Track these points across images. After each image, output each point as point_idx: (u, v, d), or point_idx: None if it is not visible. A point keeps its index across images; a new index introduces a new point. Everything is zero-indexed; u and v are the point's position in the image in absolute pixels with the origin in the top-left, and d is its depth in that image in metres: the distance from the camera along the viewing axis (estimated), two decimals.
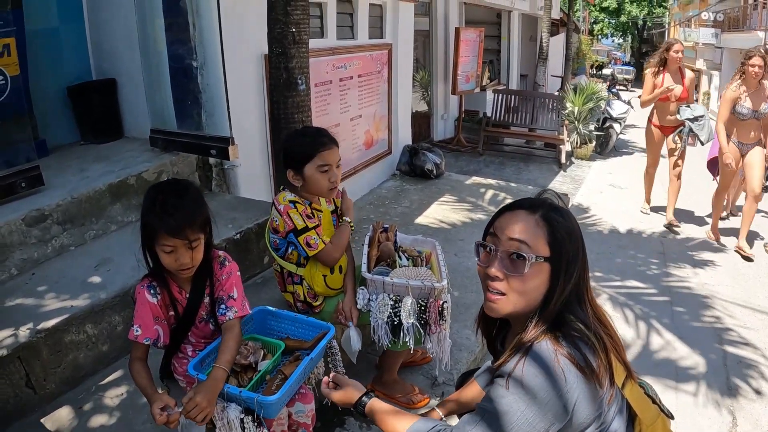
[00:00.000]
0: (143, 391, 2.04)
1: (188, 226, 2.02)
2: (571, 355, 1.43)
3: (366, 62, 6.64)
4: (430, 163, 7.37)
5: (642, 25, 50.06)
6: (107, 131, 4.73)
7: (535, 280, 1.54)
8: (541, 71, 13.06)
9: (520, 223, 1.57)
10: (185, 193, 2.10)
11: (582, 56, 25.11)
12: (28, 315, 2.75)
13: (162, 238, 2.02)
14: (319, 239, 2.71)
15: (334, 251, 2.78)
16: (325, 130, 2.85)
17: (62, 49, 4.61)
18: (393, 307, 2.66)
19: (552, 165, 10.58)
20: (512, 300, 1.57)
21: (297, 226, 2.68)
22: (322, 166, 2.71)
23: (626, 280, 5.32)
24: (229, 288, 2.25)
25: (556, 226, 1.55)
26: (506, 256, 1.56)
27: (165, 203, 2.02)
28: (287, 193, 2.76)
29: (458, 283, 4.25)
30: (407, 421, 1.65)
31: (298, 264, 2.82)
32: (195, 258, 2.10)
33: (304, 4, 3.72)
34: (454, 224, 5.73)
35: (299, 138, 2.83)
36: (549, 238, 1.54)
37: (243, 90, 4.48)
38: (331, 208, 2.98)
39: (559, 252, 1.53)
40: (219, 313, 2.21)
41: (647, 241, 6.45)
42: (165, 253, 2.05)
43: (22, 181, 3.44)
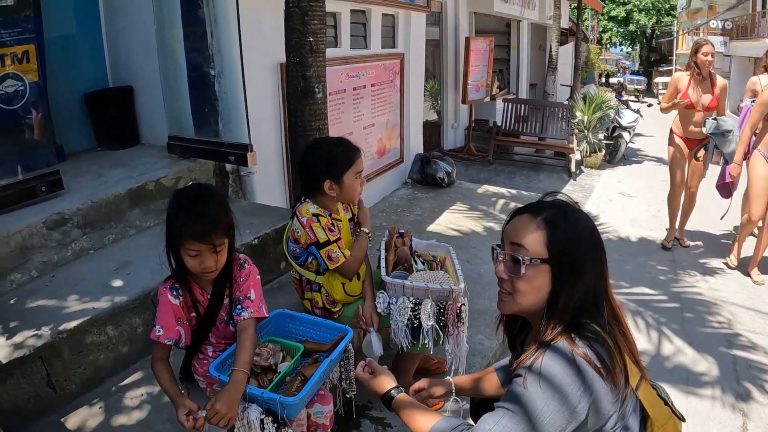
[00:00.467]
0: (167, 392, 2.09)
1: (213, 232, 2.07)
2: (587, 356, 1.47)
3: (379, 71, 6.69)
4: (441, 171, 7.42)
5: (650, 34, 50.02)
6: (123, 138, 4.80)
7: (534, 281, 1.59)
8: (550, 80, 13.07)
9: (520, 226, 1.64)
10: (210, 198, 2.15)
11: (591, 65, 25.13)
12: (50, 316, 2.79)
13: (188, 242, 2.06)
14: (340, 253, 2.75)
15: (353, 264, 2.83)
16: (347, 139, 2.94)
17: (80, 56, 4.68)
18: (413, 309, 2.71)
19: (562, 174, 10.59)
20: (516, 300, 1.63)
21: (319, 239, 2.73)
22: (359, 172, 2.83)
23: (637, 287, 5.34)
24: (247, 289, 2.29)
25: (556, 229, 1.59)
26: (508, 258, 1.64)
27: (190, 209, 2.07)
28: (310, 205, 2.80)
29: (471, 289, 4.28)
30: (431, 418, 1.68)
31: (317, 272, 2.87)
32: (219, 261, 2.15)
33: (321, 14, 3.78)
34: (465, 232, 5.77)
35: (337, 148, 2.86)
36: (547, 240, 1.58)
37: (259, 98, 4.53)
38: (348, 215, 3.03)
39: (559, 254, 1.57)
40: (235, 312, 2.25)
41: (657, 249, 6.45)
42: (190, 257, 2.09)
43: (43, 185, 3.50)
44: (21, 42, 3.44)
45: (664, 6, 44.18)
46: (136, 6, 4.50)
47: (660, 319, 4.67)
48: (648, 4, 44.25)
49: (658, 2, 44.05)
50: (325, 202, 2.83)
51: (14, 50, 3.42)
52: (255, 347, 2.22)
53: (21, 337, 2.61)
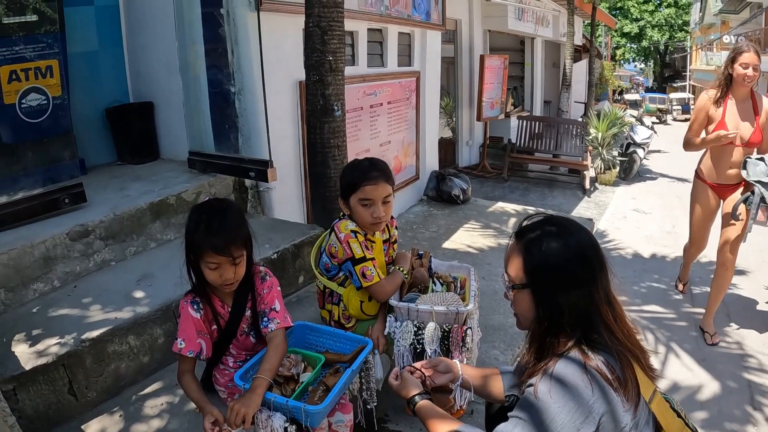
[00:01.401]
0: (197, 402, 2.15)
1: (232, 244, 2.12)
2: (599, 367, 1.52)
3: (395, 89, 6.74)
4: (456, 188, 7.43)
5: (664, 50, 49.95)
6: (144, 152, 4.89)
7: (521, 304, 1.71)
8: (564, 97, 13.10)
9: (508, 254, 1.77)
10: (227, 211, 2.20)
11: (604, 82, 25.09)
12: (72, 325, 2.84)
13: (207, 255, 2.11)
14: (375, 272, 2.75)
15: (387, 286, 2.80)
16: (379, 165, 2.86)
17: (102, 71, 4.80)
18: (416, 333, 2.70)
19: (576, 191, 10.59)
20: (519, 320, 1.77)
21: (355, 255, 2.73)
22: (363, 200, 2.75)
23: (649, 305, 5.30)
24: (271, 301, 2.34)
25: (531, 254, 1.67)
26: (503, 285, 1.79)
27: (209, 222, 2.12)
28: (349, 222, 2.80)
29: (486, 305, 4.29)
30: (451, 425, 1.73)
31: (340, 284, 2.88)
32: (238, 273, 2.20)
33: (340, 34, 3.85)
34: (481, 249, 5.78)
35: (350, 169, 2.89)
36: (525, 266, 1.68)
37: (278, 115, 4.59)
38: (384, 237, 3.02)
39: (538, 278, 1.66)
40: (262, 325, 2.30)
41: (671, 266, 6.42)
42: (210, 269, 2.14)
43: (66, 197, 3.58)
44: (44, 57, 3.55)
45: (677, 22, 44.10)
46: (158, 23, 4.60)
47: (672, 337, 4.65)
48: (661, 20, 44.21)
49: (671, 18, 43.99)
50: (357, 220, 2.83)
51: (38, 65, 3.52)
52: (282, 357, 2.27)
53: (44, 345, 2.66)
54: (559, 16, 14.99)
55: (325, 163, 3.97)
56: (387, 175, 2.83)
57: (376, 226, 2.84)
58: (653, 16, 44.23)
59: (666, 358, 4.36)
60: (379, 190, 2.76)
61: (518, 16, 12.27)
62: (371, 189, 2.75)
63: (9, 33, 3.36)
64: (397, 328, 2.74)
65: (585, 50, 19.29)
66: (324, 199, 4.05)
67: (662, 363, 4.29)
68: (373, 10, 5.82)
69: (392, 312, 2.80)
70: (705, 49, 34.54)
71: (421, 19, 6.96)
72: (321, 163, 3.98)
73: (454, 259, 5.00)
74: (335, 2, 3.76)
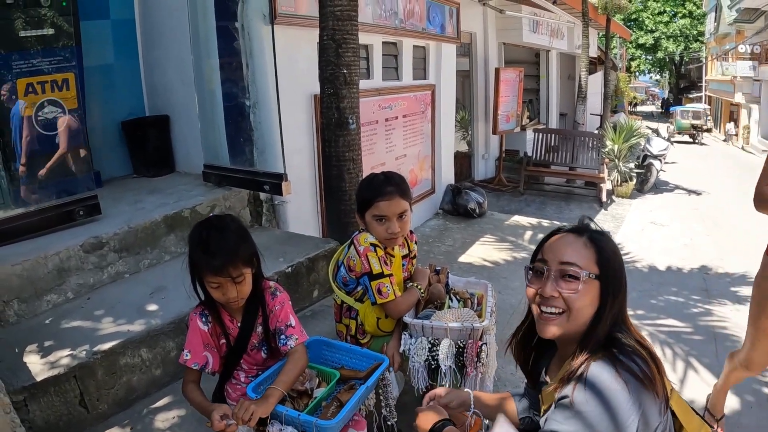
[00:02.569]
0: (199, 406, 2.13)
1: (230, 264, 2.10)
2: (631, 369, 1.49)
3: (410, 102, 6.74)
4: (472, 202, 7.41)
5: (679, 61, 49.76)
6: (159, 165, 4.89)
7: (587, 297, 1.62)
8: (580, 109, 13.06)
9: (569, 245, 1.69)
10: (225, 230, 2.17)
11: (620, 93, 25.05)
12: (85, 337, 2.83)
13: (207, 275, 2.11)
14: (391, 289, 2.70)
15: (401, 305, 2.76)
16: (395, 179, 2.81)
17: (117, 85, 4.81)
18: (430, 350, 2.65)
19: (593, 203, 10.53)
20: (570, 319, 1.64)
21: (373, 270, 2.69)
22: (377, 216, 2.72)
23: (667, 318, 5.22)
24: (285, 317, 2.32)
25: (603, 246, 1.67)
26: (559, 276, 1.65)
27: (207, 242, 2.10)
28: (369, 235, 2.76)
29: (502, 320, 4.23)
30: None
31: (357, 299, 2.85)
32: (242, 291, 2.18)
33: (355, 47, 3.84)
34: (497, 263, 5.74)
35: (365, 184, 2.86)
36: (597, 257, 1.65)
37: (293, 129, 4.59)
38: (403, 252, 2.98)
39: (607, 270, 1.64)
40: (281, 343, 2.28)
41: (689, 278, 6.35)
42: (212, 288, 2.14)
43: (81, 209, 3.58)
44: (60, 70, 3.56)
45: (692, 32, 43.88)
46: (173, 37, 4.62)
47: (691, 352, 4.57)
48: (676, 31, 44.02)
49: (686, 28, 43.80)
50: (374, 236, 2.78)
51: (54, 78, 3.54)
52: (302, 372, 2.27)
53: (55, 357, 2.64)
54: (574, 28, 14.99)
55: (340, 176, 3.95)
56: (402, 189, 2.78)
57: (392, 241, 2.79)
58: (668, 27, 44.06)
59: (685, 374, 4.29)
60: (393, 206, 2.72)
61: (533, 29, 12.27)
62: (385, 205, 2.71)
63: (26, 46, 3.39)
64: (412, 344, 2.70)
65: (600, 62, 19.31)
66: (339, 213, 4.03)
67: (680, 379, 4.22)
68: (387, 24, 5.83)
69: (407, 329, 2.77)
70: (720, 59, 34.33)
71: (435, 32, 6.98)
72: (336, 177, 3.97)
73: (470, 273, 4.97)
74: (349, 15, 3.76)
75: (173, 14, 4.55)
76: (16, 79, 3.39)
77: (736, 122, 31.25)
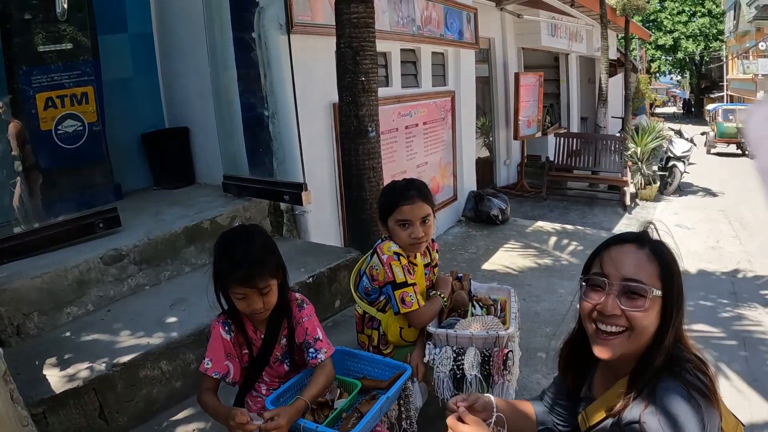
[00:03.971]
0: (216, 411, 2.11)
1: (257, 275, 2.07)
2: (699, 388, 1.42)
3: (430, 109, 6.71)
4: (495, 208, 7.34)
5: (699, 61, 49.28)
6: (179, 177, 4.91)
7: (651, 315, 1.52)
8: (601, 113, 12.96)
9: (632, 259, 1.56)
10: (252, 241, 2.15)
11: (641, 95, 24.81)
12: (105, 349, 2.82)
13: (233, 286, 2.08)
14: (415, 298, 2.67)
15: (424, 315, 2.72)
16: (416, 184, 2.81)
17: (136, 98, 4.87)
18: (455, 359, 2.61)
19: (617, 207, 10.43)
20: (633, 338, 1.54)
21: (397, 279, 2.66)
22: (400, 221, 2.69)
23: (696, 323, 5.11)
24: (313, 330, 2.30)
25: (666, 259, 1.56)
26: (623, 293, 1.53)
27: (233, 253, 2.09)
28: (392, 244, 2.73)
29: (527, 327, 4.18)
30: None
31: (381, 310, 2.81)
32: (267, 302, 2.15)
33: (372, 54, 3.82)
34: (521, 269, 5.67)
35: (387, 190, 2.86)
36: (660, 272, 1.53)
37: (312, 138, 4.57)
38: (425, 261, 2.95)
39: (671, 286, 1.53)
40: (309, 357, 2.26)
41: (717, 282, 6.23)
42: (237, 299, 2.11)
43: (101, 221, 3.59)
44: (80, 84, 3.62)
45: (711, 31, 43.41)
46: (191, 50, 4.64)
47: (721, 357, 4.47)
48: (695, 31, 43.57)
49: (705, 28, 43.37)
50: (397, 242, 2.76)
51: (73, 92, 3.60)
52: (329, 385, 2.25)
53: (75, 369, 2.63)
54: (593, 30, 14.88)
55: (361, 185, 3.92)
56: (424, 194, 2.76)
57: (416, 247, 2.76)
58: (687, 27, 43.65)
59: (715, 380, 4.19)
60: (416, 210, 2.69)
61: (551, 33, 12.20)
62: (408, 209, 2.69)
63: (45, 61, 3.44)
64: (437, 354, 2.65)
65: (620, 64, 19.16)
66: (360, 222, 4.00)
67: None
68: (405, 30, 5.80)
69: (431, 338, 2.72)
70: (741, 58, 33.89)
71: (453, 38, 6.94)
72: (356, 186, 3.94)
73: (493, 281, 4.91)
74: (366, 23, 3.74)
75: (190, 27, 4.57)
76: (36, 93, 3.42)
77: None
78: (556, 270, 5.49)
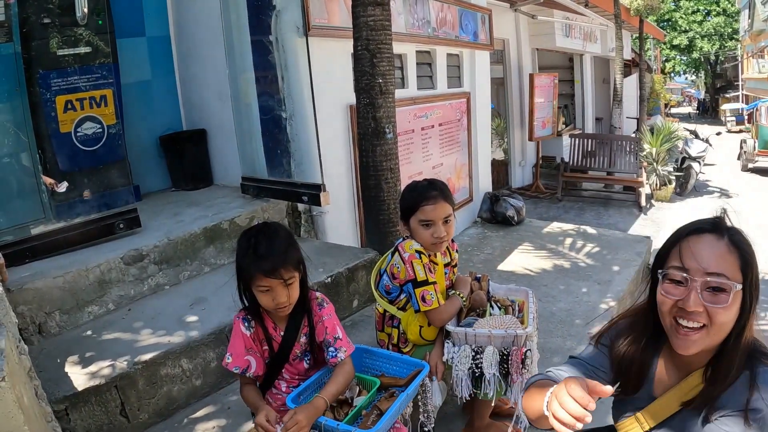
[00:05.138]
0: (252, 403, 2.20)
1: (282, 266, 2.11)
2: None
3: (446, 111, 6.70)
4: (511, 209, 7.31)
5: (714, 60, 48.90)
6: (198, 179, 4.95)
7: (732, 309, 1.47)
8: (616, 113, 12.92)
9: (713, 251, 1.49)
10: (276, 235, 2.20)
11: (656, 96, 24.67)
12: (126, 347, 2.86)
13: (258, 279, 2.11)
14: (436, 297, 2.69)
15: (444, 313, 2.74)
16: (438, 184, 2.83)
17: (154, 101, 4.91)
18: (474, 358, 2.61)
19: (632, 208, 10.38)
20: (712, 334, 1.49)
21: (418, 277, 2.68)
22: (423, 221, 2.72)
23: None
24: (333, 329, 2.32)
25: (745, 249, 1.49)
26: (704, 288, 1.47)
27: (258, 246, 2.12)
28: (413, 242, 2.75)
29: (543, 328, 4.17)
30: None
31: (402, 308, 2.83)
32: (291, 296, 2.18)
33: (389, 56, 3.84)
34: (536, 270, 5.66)
35: (408, 191, 2.86)
36: (741, 263, 1.48)
37: (330, 139, 4.59)
38: (446, 260, 2.97)
39: (751, 277, 1.48)
40: (330, 355, 2.28)
41: None
42: (261, 293, 2.14)
43: (121, 222, 3.65)
44: (98, 87, 3.65)
45: (726, 30, 43.03)
46: (208, 52, 4.67)
47: None
48: (710, 30, 43.23)
49: (720, 27, 43.04)
50: (419, 242, 2.77)
51: (92, 95, 3.63)
52: (349, 383, 2.27)
53: (97, 367, 2.67)
54: (607, 31, 14.82)
55: (378, 186, 3.94)
56: (446, 194, 2.79)
57: (438, 246, 2.79)
58: (702, 27, 43.32)
59: None
60: (438, 210, 2.72)
61: (566, 33, 12.17)
62: (431, 209, 2.72)
63: (64, 65, 3.47)
64: (455, 353, 2.66)
65: (634, 65, 19.08)
66: (377, 223, 4.02)
67: None
68: (420, 32, 5.81)
69: (449, 337, 2.73)
70: (756, 57, 33.56)
71: (468, 39, 6.94)
72: (374, 187, 3.96)
73: (510, 282, 4.90)
74: (383, 25, 3.75)
75: (208, 30, 4.61)
76: (56, 96, 3.46)
77: None
78: (572, 271, 5.47)
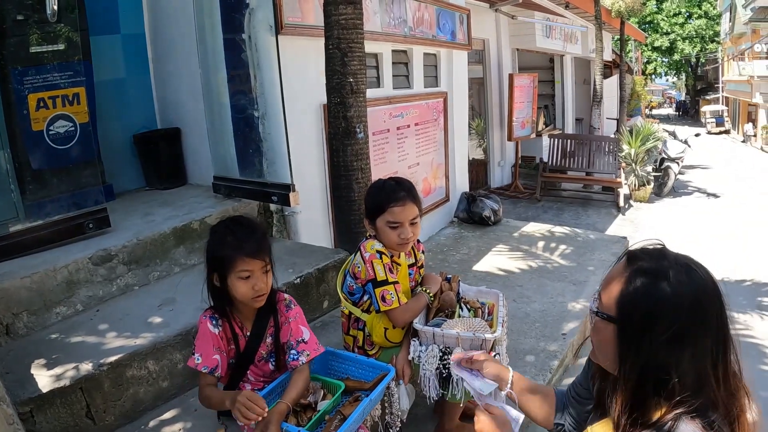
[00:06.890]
0: (220, 400, 2.14)
1: (262, 249, 2.15)
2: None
3: (422, 111, 6.71)
4: (487, 209, 7.33)
5: (695, 63, 49.34)
6: (171, 178, 4.92)
7: (599, 335, 1.47)
8: (596, 114, 12.98)
9: (611, 274, 1.48)
10: (250, 222, 2.25)
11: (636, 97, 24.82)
12: (92, 349, 2.83)
13: (240, 263, 2.12)
14: (395, 297, 2.67)
15: (405, 313, 2.72)
16: (406, 185, 2.80)
17: (129, 99, 4.86)
18: (441, 358, 2.61)
19: (611, 209, 10.47)
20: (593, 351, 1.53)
21: (377, 277, 2.67)
22: (391, 222, 2.70)
23: None
24: (297, 332, 2.32)
25: (630, 286, 1.40)
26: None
27: (236, 231, 2.15)
28: (375, 242, 2.74)
29: (517, 328, 4.19)
30: None
31: (366, 311, 2.82)
32: (268, 284, 2.21)
33: (361, 55, 3.83)
34: (512, 271, 5.68)
35: (375, 189, 2.84)
36: (619, 296, 1.41)
37: (302, 139, 4.58)
38: (410, 261, 2.95)
39: (626, 315, 1.40)
40: (291, 358, 2.28)
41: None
42: (242, 279, 2.14)
43: (90, 222, 3.61)
44: (71, 85, 3.60)
45: (707, 33, 43.54)
46: (183, 51, 4.64)
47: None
48: (692, 32, 43.70)
49: (701, 29, 43.47)
50: (385, 242, 2.76)
51: (65, 92, 3.58)
52: (307, 387, 2.27)
53: (63, 369, 2.65)
54: (588, 32, 14.90)
55: (349, 186, 3.94)
56: (414, 195, 2.78)
57: (403, 247, 2.79)
58: (684, 29, 43.75)
59: None
60: (406, 212, 2.71)
61: (546, 34, 12.23)
62: (399, 211, 2.70)
63: (36, 62, 3.43)
64: (422, 352, 2.66)
65: (615, 66, 19.18)
66: (348, 223, 4.01)
67: None
68: (396, 32, 5.81)
69: (417, 336, 2.73)
70: (737, 59, 33.95)
71: (446, 39, 6.95)
72: (345, 187, 3.95)
73: (485, 282, 4.92)
74: (354, 24, 3.75)
75: (183, 28, 4.58)
76: (28, 93, 3.43)
77: (754, 123, 30.83)
78: (547, 271, 5.50)
